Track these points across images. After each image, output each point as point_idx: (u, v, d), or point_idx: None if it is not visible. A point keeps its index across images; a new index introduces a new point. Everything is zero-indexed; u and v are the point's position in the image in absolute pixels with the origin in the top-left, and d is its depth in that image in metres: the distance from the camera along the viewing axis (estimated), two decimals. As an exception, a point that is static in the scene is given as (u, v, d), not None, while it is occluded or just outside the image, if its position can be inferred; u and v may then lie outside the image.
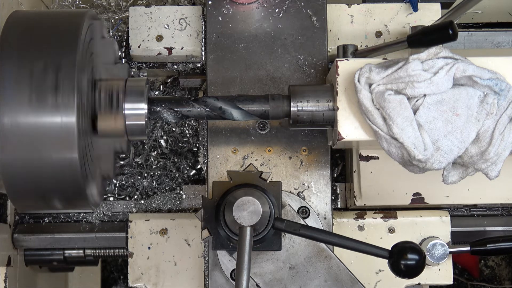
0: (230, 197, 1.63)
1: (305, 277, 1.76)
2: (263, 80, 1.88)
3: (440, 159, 1.55)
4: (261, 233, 1.64)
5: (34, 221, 2.12)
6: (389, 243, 1.59)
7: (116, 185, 2.16)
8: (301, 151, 1.86)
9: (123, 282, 3.19)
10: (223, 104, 1.65)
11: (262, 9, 1.91)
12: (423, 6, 2.01)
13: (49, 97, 1.38)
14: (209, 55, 1.89)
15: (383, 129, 1.57)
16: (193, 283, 2.03)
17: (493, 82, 1.56)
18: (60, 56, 1.41)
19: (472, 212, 2.08)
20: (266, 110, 1.67)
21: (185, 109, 1.65)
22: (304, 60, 1.88)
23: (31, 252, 2.13)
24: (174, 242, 2.04)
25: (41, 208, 1.75)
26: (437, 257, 1.93)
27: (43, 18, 1.50)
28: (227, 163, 1.85)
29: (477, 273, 3.14)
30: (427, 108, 1.55)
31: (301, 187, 1.85)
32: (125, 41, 2.08)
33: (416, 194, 1.98)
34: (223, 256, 1.80)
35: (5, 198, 2.05)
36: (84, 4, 2.20)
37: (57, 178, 1.43)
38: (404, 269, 1.53)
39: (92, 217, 2.11)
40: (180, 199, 2.12)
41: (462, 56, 1.59)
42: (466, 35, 2.16)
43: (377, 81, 1.58)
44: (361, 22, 2.02)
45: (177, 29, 2.02)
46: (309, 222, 1.82)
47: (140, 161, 2.19)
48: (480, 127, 1.56)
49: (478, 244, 1.90)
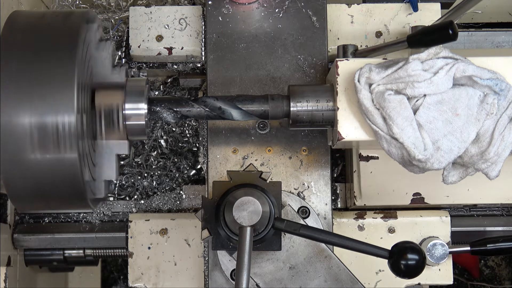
0: (230, 197, 1.63)
1: (305, 277, 1.76)
2: (263, 80, 1.88)
3: (440, 159, 1.55)
4: (261, 233, 1.64)
5: (34, 221, 2.11)
6: (389, 243, 1.59)
7: (116, 185, 2.16)
8: (301, 151, 1.86)
9: (123, 282, 3.18)
10: (223, 104, 1.65)
11: (262, 9, 1.91)
12: (423, 6, 2.01)
13: (49, 97, 1.38)
14: (209, 55, 1.89)
15: (383, 129, 1.57)
16: (193, 283, 2.03)
17: (493, 82, 1.56)
18: (61, 55, 1.41)
19: (472, 212, 2.08)
20: (265, 110, 1.67)
21: (184, 109, 1.65)
22: (304, 60, 1.88)
23: (31, 252, 2.13)
24: (174, 242, 2.04)
25: (41, 208, 1.75)
26: (437, 257, 1.93)
27: (43, 18, 1.50)
28: (227, 163, 1.85)
29: (477, 273, 3.14)
30: (427, 108, 1.55)
31: (301, 187, 1.85)
32: (125, 41, 2.08)
33: (416, 194, 1.97)
34: (223, 256, 1.80)
35: (5, 198, 2.05)
36: (84, 4, 2.20)
37: (57, 178, 1.43)
38: (404, 269, 1.53)
39: (92, 217, 2.11)
40: (180, 199, 2.12)
41: (462, 56, 1.59)
42: (466, 35, 2.16)
43: (377, 81, 1.58)
44: (361, 22, 2.02)
45: (177, 29, 2.02)
46: (309, 222, 1.82)
47: (140, 161, 2.18)
48: (480, 127, 1.56)
49: (478, 244, 1.90)
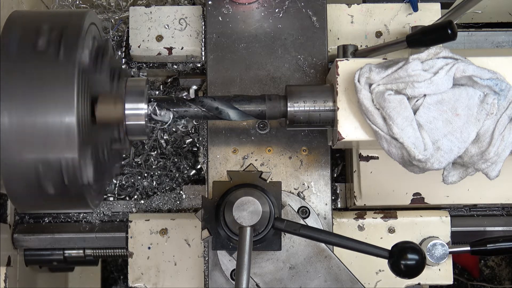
0: (230, 197, 1.63)
1: (305, 277, 1.76)
2: (263, 80, 1.88)
3: (440, 159, 1.55)
4: (261, 233, 1.64)
5: (34, 221, 2.11)
6: (389, 243, 1.59)
7: (116, 185, 2.16)
8: (301, 151, 1.86)
9: (123, 282, 3.18)
10: (220, 104, 1.65)
11: (262, 9, 1.91)
12: (423, 6, 2.01)
13: (50, 97, 1.38)
14: (209, 55, 1.89)
15: (383, 129, 1.57)
16: (193, 283, 2.03)
17: (493, 82, 1.56)
18: (61, 55, 1.41)
19: (472, 212, 2.08)
20: (262, 111, 1.67)
21: (181, 109, 1.64)
22: (304, 60, 1.88)
23: (31, 252, 2.13)
24: (174, 242, 2.04)
25: (41, 208, 1.75)
26: (437, 257, 1.93)
27: (43, 18, 1.50)
28: (227, 163, 1.85)
29: (477, 273, 3.14)
30: (427, 108, 1.55)
31: (301, 187, 1.85)
32: (125, 41, 2.08)
33: (416, 194, 1.97)
34: (223, 256, 1.80)
35: (5, 198, 2.05)
36: (84, 4, 2.20)
37: (57, 179, 1.43)
38: (404, 269, 1.53)
39: (92, 217, 2.11)
40: (180, 199, 2.12)
41: (462, 56, 1.59)
42: (466, 35, 2.16)
43: (377, 81, 1.58)
44: (361, 22, 2.02)
45: (177, 29, 2.02)
46: (309, 222, 1.82)
47: (140, 161, 2.18)
48: (480, 127, 1.56)
49: (478, 244, 1.90)
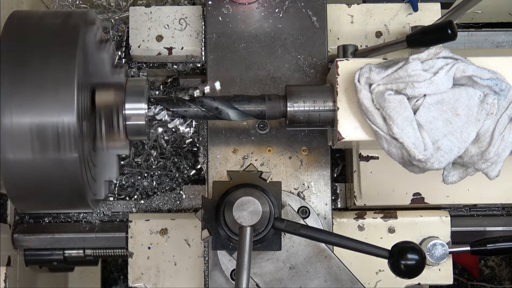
0: (230, 197, 1.63)
1: (305, 277, 1.76)
2: (263, 80, 1.88)
3: (440, 159, 1.55)
4: (261, 233, 1.64)
5: (34, 221, 2.11)
6: (389, 243, 1.59)
7: (116, 185, 2.16)
8: (301, 151, 1.86)
9: (123, 282, 3.18)
10: (220, 104, 1.65)
11: (262, 9, 1.91)
12: (423, 6, 2.01)
13: (50, 97, 1.38)
14: (209, 55, 1.89)
15: (383, 129, 1.57)
16: (193, 283, 2.03)
17: (493, 82, 1.56)
18: (61, 56, 1.41)
19: (472, 212, 2.08)
20: (262, 111, 1.67)
21: (181, 110, 1.64)
22: (304, 60, 1.88)
23: (31, 252, 2.13)
24: (174, 242, 2.03)
25: (41, 208, 1.75)
26: (437, 257, 1.93)
27: (43, 18, 1.50)
28: (227, 163, 1.85)
29: (477, 273, 3.14)
30: (427, 108, 1.55)
31: (301, 187, 1.85)
32: (125, 41, 2.08)
33: (416, 194, 1.97)
34: (223, 256, 1.80)
35: (5, 198, 2.05)
36: (84, 4, 2.20)
37: (57, 179, 1.43)
38: (404, 269, 1.53)
39: (92, 217, 2.11)
40: (180, 199, 2.12)
41: (462, 56, 1.59)
42: (466, 35, 2.16)
43: (377, 81, 1.58)
44: (361, 22, 2.02)
45: (177, 29, 2.02)
46: (309, 222, 1.82)
47: (140, 161, 2.18)
48: (480, 127, 1.56)
49: (478, 244, 1.90)
